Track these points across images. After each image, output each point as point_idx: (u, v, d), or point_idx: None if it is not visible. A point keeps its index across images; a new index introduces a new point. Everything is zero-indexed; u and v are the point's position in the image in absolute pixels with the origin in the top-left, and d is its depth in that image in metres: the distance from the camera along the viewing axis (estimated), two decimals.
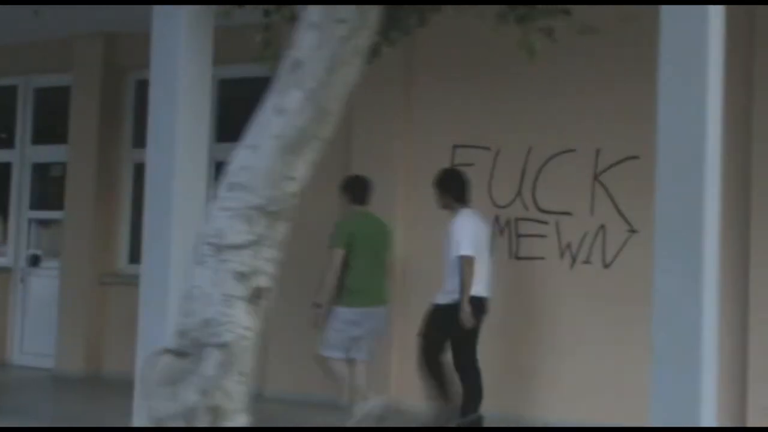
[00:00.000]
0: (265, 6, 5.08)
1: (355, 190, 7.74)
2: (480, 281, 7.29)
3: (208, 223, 3.46)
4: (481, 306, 7.34)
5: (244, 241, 3.36)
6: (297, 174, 3.44)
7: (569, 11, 4.79)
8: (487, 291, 7.41)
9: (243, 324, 3.35)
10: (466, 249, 7.21)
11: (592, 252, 8.03)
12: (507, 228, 8.37)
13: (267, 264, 3.42)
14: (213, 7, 5.97)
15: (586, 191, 8.08)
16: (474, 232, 7.35)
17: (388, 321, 7.77)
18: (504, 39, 4.96)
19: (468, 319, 7.17)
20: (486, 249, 7.48)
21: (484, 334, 7.45)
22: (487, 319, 7.46)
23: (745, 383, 7.39)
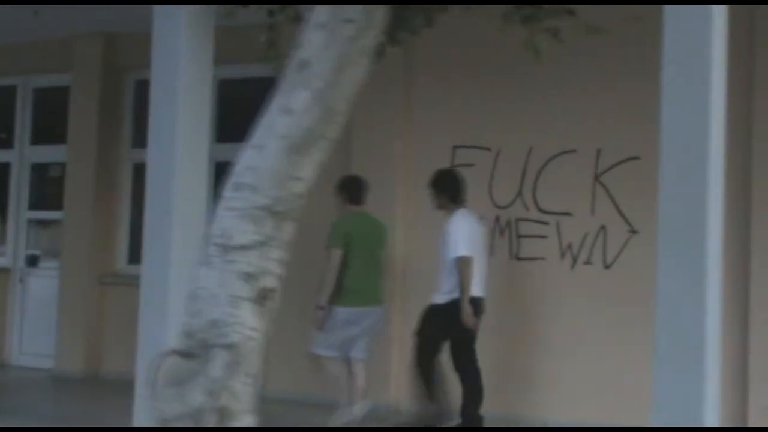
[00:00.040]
0: (270, 6, 5.08)
1: (351, 190, 7.74)
2: (477, 282, 7.29)
3: (214, 224, 3.46)
4: (479, 306, 7.34)
5: (250, 242, 3.36)
6: (303, 174, 3.44)
7: (574, 11, 4.78)
8: (483, 291, 7.41)
9: (250, 325, 3.35)
10: (464, 249, 7.21)
11: (592, 253, 8.03)
12: (507, 228, 8.36)
13: (274, 264, 3.41)
14: (213, 7, 5.97)
15: (586, 192, 8.07)
16: (470, 232, 7.35)
17: (384, 320, 7.78)
18: (505, 39, 4.95)
19: (469, 320, 7.17)
20: (482, 249, 7.48)
21: (485, 334, 7.45)
22: (488, 320, 7.46)
23: (746, 383, 7.39)
